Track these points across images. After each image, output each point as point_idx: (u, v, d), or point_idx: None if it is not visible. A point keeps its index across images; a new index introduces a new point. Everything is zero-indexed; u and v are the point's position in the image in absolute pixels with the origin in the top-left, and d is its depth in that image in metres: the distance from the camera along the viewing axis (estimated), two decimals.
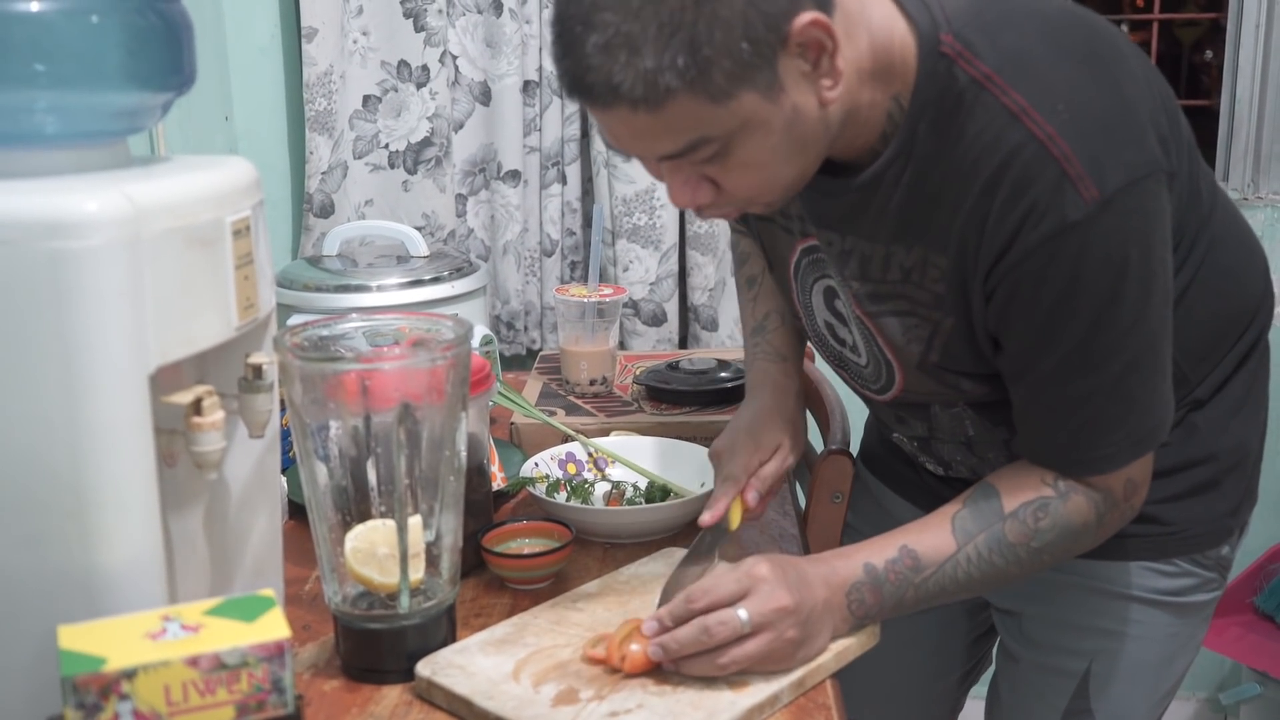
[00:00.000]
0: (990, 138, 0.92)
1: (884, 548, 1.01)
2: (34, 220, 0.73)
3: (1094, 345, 0.95)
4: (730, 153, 0.90)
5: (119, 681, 0.71)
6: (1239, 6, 2.27)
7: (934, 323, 1.03)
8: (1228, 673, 2.49)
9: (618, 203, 2.10)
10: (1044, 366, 0.98)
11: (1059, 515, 1.01)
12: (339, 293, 1.74)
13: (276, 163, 2.17)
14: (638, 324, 2.16)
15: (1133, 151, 0.92)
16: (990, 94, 0.92)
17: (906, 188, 0.98)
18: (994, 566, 1.01)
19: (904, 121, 0.96)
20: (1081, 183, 0.89)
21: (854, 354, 1.15)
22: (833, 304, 1.14)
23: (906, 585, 1.00)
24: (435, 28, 2.06)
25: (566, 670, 0.95)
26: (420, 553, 0.95)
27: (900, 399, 1.14)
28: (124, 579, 0.78)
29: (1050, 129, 0.90)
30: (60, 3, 0.77)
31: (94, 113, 0.81)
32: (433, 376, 0.92)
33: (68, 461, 0.75)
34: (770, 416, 1.20)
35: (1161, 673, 1.22)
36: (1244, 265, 1.14)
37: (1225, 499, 1.17)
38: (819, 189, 1.03)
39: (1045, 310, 0.94)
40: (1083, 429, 0.99)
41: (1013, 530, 1.00)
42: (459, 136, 2.14)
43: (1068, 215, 0.90)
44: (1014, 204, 0.92)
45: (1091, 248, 0.91)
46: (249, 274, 0.87)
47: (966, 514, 1.02)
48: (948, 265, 0.98)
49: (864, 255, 1.04)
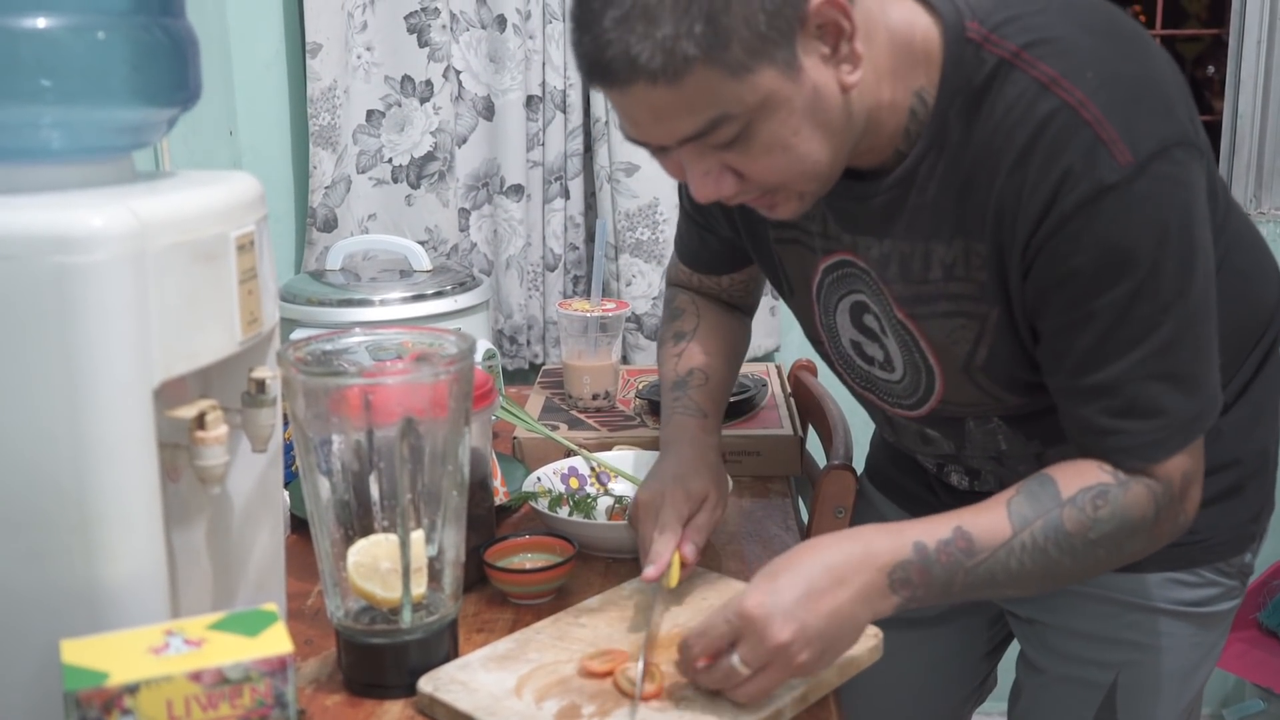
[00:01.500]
0: (1021, 110, 0.92)
1: (937, 527, 0.95)
2: (39, 235, 0.73)
3: (1133, 319, 0.93)
4: (752, 135, 0.89)
5: (122, 696, 0.71)
6: (1240, 22, 2.28)
7: (980, 318, 1.01)
8: (1231, 689, 2.48)
9: (621, 217, 2.10)
10: (1082, 344, 0.95)
11: (1118, 505, 0.96)
12: (342, 307, 1.74)
13: (280, 177, 2.18)
14: (640, 338, 2.16)
15: (1162, 119, 0.91)
16: (1019, 70, 0.92)
17: (940, 178, 0.97)
18: (1047, 557, 0.95)
19: (933, 112, 0.96)
20: (1115, 146, 0.89)
21: (884, 370, 1.12)
22: (860, 320, 1.11)
23: (957, 569, 0.94)
24: (439, 43, 2.06)
25: (569, 686, 0.95)
26: (423, 567, 0.95)
27: (935, 413, 1.11)
28: (127, 593, 0.78)
29: (1081, 94, 0.90)
30: (67, 19, 0.77)
31: (100, 128, 0.82)
32: (436, 391, 0.93)
33: (71, 475, 0.76)
34: (695, 466, 1.16)
35: (1186, 683, 1.21)
36: (1259, 271, 1.14)
37: (1248, 505, 1.17)
38: (850, 194, 1.02)
39: (1084, 280, 0.92)
40: (1128, 411, 0.95)
41: (1070, 518, 0.95)
42: (462, 151, 2.14)
43: (1104, 178, 0.89)
44: (1049, 170, 0.91)
45: (1128, 212, 0.90)
46: (253, 289, 0.87)
47: (1022, 499, 0.96)
48: (987, 250, 0.97)
49: (903, 255, 1.03)
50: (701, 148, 0.91)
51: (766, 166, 0.92)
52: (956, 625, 1.38)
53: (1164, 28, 2.54)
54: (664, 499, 1.11)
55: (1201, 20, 2.82)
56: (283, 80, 2.16)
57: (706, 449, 1.19)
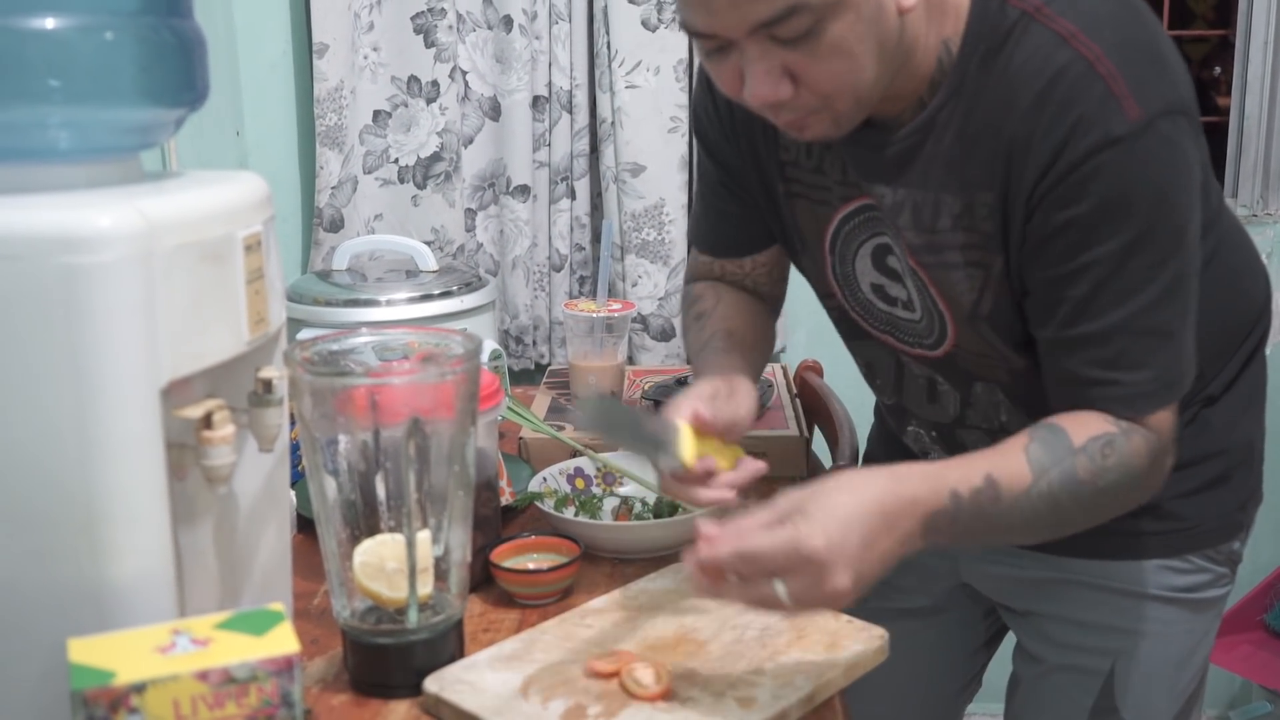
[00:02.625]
0: (1039, 60, 0.95)
1: (969, 475, 0.95)
2: (47, 235, 0.73)
3: (1127, 271, 0.96)
4: (820, 33, 0.91)
5: (128, 695, 0.72)
6: (1247, 23, 2.28)
7: (985, 268, 1.03)
8: (1238, 690, 2.48)
9: (627, 218, 2.10)
10: (1076, 293, 0.98)
11: (1123, 453, 0.98)
12: (348, 307, 1.74)
13: (287, 177, 2.18)
14: (646, 339, 2.17)
15: (1169, 85, 0.95)
16: (1039, 23, 0.96)
17: (956, 127, 1.00)
18: (1059, 505, 0.97)
19: (956, 61, 0.99)
20: (1126, 101, 0.93)
21: (906, 310, 1.13)
22: (884, 261, 1.12)
23: (980, 517, 0.95)
24: (445, 43, 2.07)
25: (575, 687, 0.95)
26: (429, 567, 0.96)
27: (950, 357, 1.12)
28: (134, 592, 0.79)
29: (1098, 49, 0.94)
30: (75, 19, 0.77)
31: (108, 128, 0.82)
32: (442, 391, 0.93)
33: (79, 475, 0.76)
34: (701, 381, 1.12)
35: (1182, 669, 1.24)
36: (1248, 269, 1.19)
37: (1235, 494, 1.21)
38: (867, 143, 1.05)
39: (1082, 229, 0.96)
40: (1115, 362, 0.98)
41: (1083, 466, 0.97)
42: (468, 151, 2.15)
43: (1113, 129, 0.92)
44: (1061, 118, 0.94)
45: (1134, 166, 0.93)
46: (260, 289, 0.87)
47: (1037, 447, 0.97)
48: (993, 199, 1.00)
49: (915, 204, 1.05)
50: (767, 44, 0.92)
51: (826, 70, 0.93)
52: (952, 616, 1.40)
53: (1170, 28, 2.53)
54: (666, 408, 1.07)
55: (1208, 21, 2.81)
56: (289, 80, 2.16)
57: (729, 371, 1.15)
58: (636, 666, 0.95)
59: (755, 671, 0.96)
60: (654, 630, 1.04)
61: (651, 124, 2.07)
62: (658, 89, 2.07)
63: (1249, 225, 2.27)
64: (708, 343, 1.24)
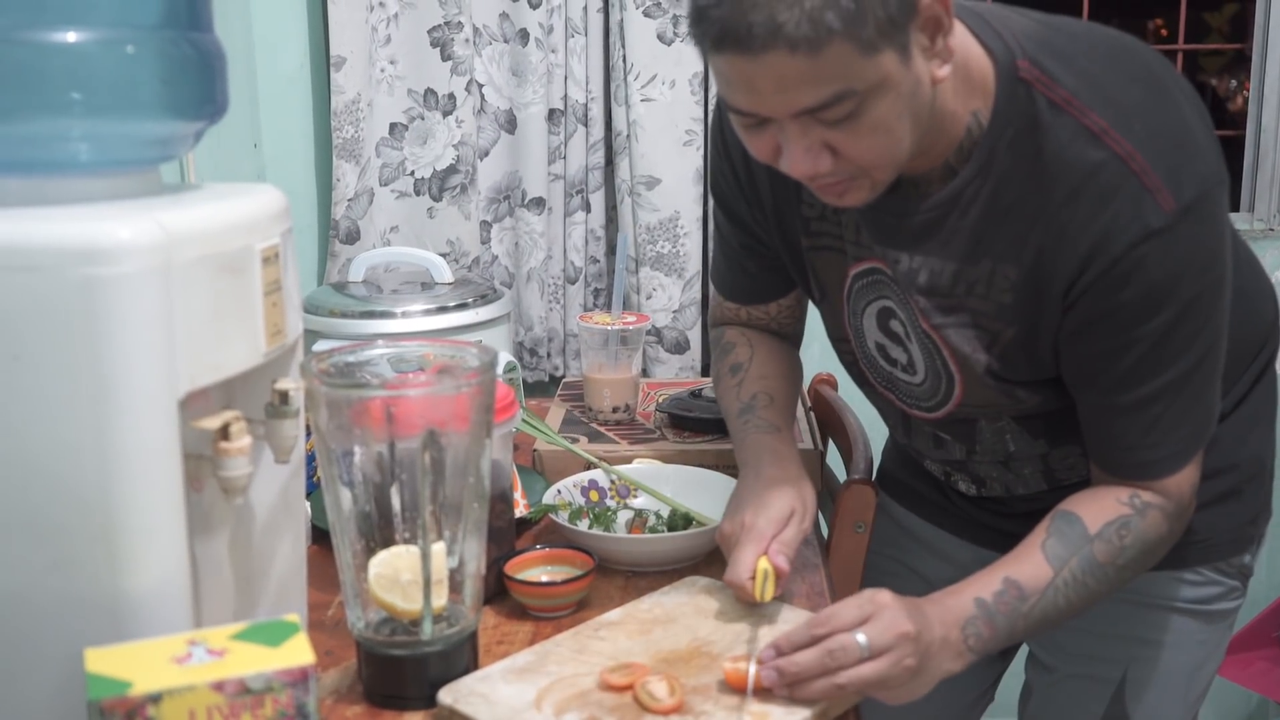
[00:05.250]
0: (1073, 155, 0.98)
1: (988, 582, 1.03)
2: (67, 247, 0.73)
3: (1169, 344, 1.00)
4: (863, 114, 0.92)
5: (145, 705, 0.72)
6: (1264, 36, 2.27)
7: (994, 333, 1.07)
8: (1254, 707, 2.46)
9: (641, 230, 2.11)
10: (1120, 368, 1.02)
11: (1139, 532, 1.05)
12: (364, 319, 1.75)
13: (303, 189, 2.19)
14: (660, 351, 2.17)
15: (1200, 164, 0.99)
16: (1070, 116, 0.98)
17: (983, 205, 1.03)
18: (1086, 588, 1.04)
19: (984, 139, 1.01)
20: (1160, 194, 0.96)
21: (907, 373, 1.17)
22: (887, 325, 1.16)
23: (1016, 615, 1.02)
24: (462, 56, 2.07)
25: (588, 700, 0.95)
26: (443, 579, 0.96)
27: (953, 415, 1.16)
28: (151, 603, 0.79)
29: (1129, 146, 0.97)
30: (96, 33, 0.78)
31: (128, 141, 0.82)
32: (457, 403, 0.93)
33: (96, 486, 0.76)
34: (775, 483, 1.14)
35: (1193, 679, 1.27)
36: (1256, 289, 1.22)
37: (1245, 508, 1.24)
38: (891, 210, 1.07)
39: (1128, 314, 0.99)
40: (1153, 427, 1.04)
41: (1101, 551, 1.04)
42: (484, 164, 2.15)
43: (1150, 223, 0.96)
44: (1096, 215, 0.97)
45: (1173, 253, 0.97)
46: (277, 300, 0.87)
47: (1054, 541, 1.05)
48: (1017, 277, 1.03)
49: (933, 271, 1.07)
50: (810, 123, 0.94)
51: (867, 146, 0.95)
52: None
53: (1186, 42, 2.53)
54: (745, 526, 1.09)
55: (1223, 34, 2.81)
56: (307, 93, 2.17)
57: (786, 461, 1.18)
58: (650, 679, 0.95)
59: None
60: (668, 643, 1.03)
61: (667, 137, 2.07)
62: (673, 102, 2.07)
63: (1266, 239, 2.27)
64: (751, 406, 1.26)
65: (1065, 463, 1.18)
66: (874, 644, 0.94)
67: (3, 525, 0.77)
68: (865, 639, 0.94)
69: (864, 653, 0.93)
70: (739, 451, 1.23)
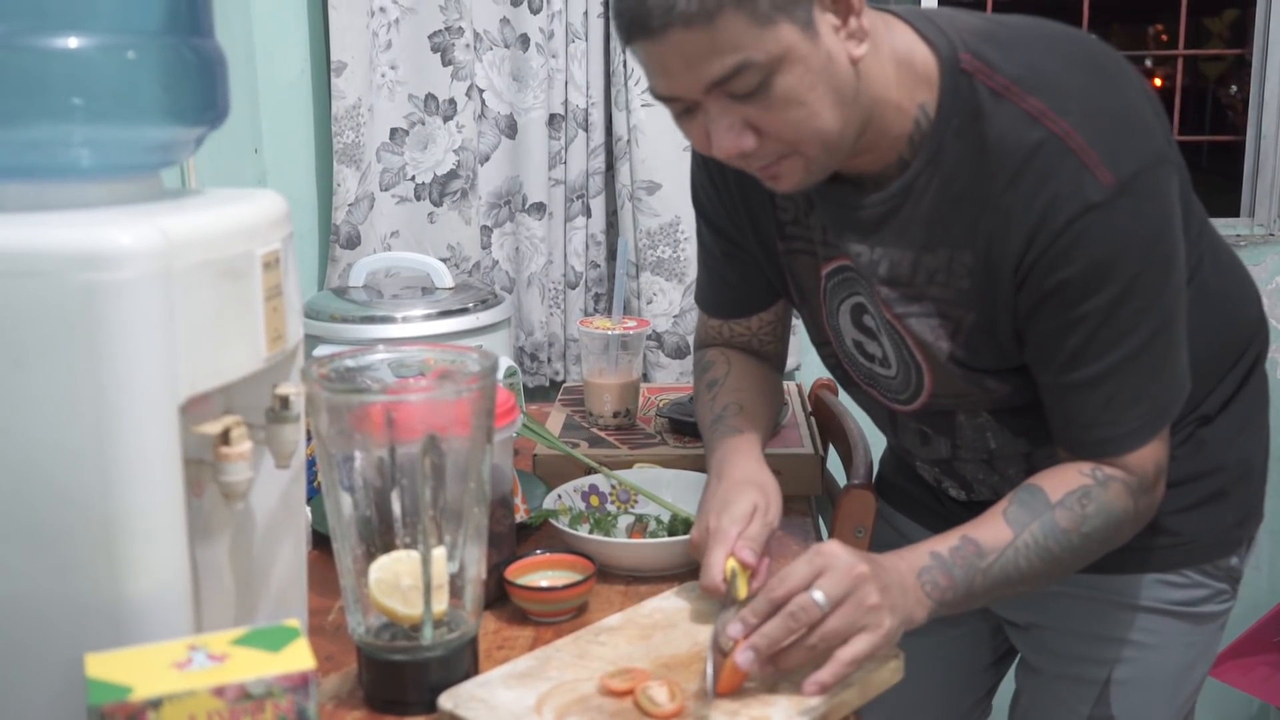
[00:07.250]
0: (1013, 139, 1.00)
1: (945, 538, 1.05)
2: (68, 252, 0.73)
3: (1116, 320, 1.02)
4: (772, 85, 0.96)
5: (145, 710, 0.72)
6: (1264, 42, 2.28)
7: (956, 320, 1.09)
8: (1255, 713, 2.46)
9: (642, 235, 2.11)
10: (1070, 344, 1.04)
11: (1102, 501, 1.06)
12: (365, 324, 1.75)
13: (304, 194, 2.19)
14: (661, 356, 2.17)
15: (1141, 142, 1.00)
16: (1009, 101, 1.01)
17: (935, 194, 1.05)
18: (1050, 553, 1.05)
19: (931, 130, 1.04)
20: (1098, 169, 0.98)
21: (883, 367, 1.20)
22: (860, 320, 1.18)
23: (974, 571, 1.03)
24: (463, 62, 2.08)
25: (589, 704, 0.94)
26: (444, 584, 0.96)
27: (928, 406, 1.18)
28: (151, 608, 0.79)
29: (1066, 125, 0.99)
30: (98, 39, 0.78)
31: (129, 147, 0.82)
32: (458, 408, 0.93)
33: (97, 491, 0.76)
34: (737, 485, 1.15)
35: (1181, 681, 1.28)
36: (1239, 291, 1.23)
37: (1233, 510, 1.24)
38: (848, 204, 1.10)
39: (1072, 289, 1.01)
40: (1109, 403, 1.05)
41: (1063, 517, 1.05)
42: (485, 169, 2.15)
43: (1089, 198, 0.98)
44: (1037, 194, 1.00)
45: (1114, 227, 0.99)
46: (278, 306, 0.87)
47: (1015, 508, 1.06)
48: (973, 262, 1.06)
49: (893, 261, 1.10)
50: (726, 102, 0.97)
51: (783, 120, 0.98)
52: (963, 630, 1.42)
53: (1186, 48, 2.53)
54: (711, 531, 1.10)
55: (1224, 40, 2.81)
56: (307, 98, 2.17)
57: (748, 460, 1.20)
58: (651, 685, 0.95)
59: (770, 690, 0.96)
60: (668, 648, 1.03)
61: (667, 142, 2.08)
62: None
63: (1267, 244, 2.27)
64: (721, 416, 1.29)
65: (1049, 464, 1.18)
66: (831, 595, 0.95)
67: (3, 530, 0.77)
68: (822, 594, 0.95)
69: (824, 607, 0.94)
70: (708, 459, 1.25)
